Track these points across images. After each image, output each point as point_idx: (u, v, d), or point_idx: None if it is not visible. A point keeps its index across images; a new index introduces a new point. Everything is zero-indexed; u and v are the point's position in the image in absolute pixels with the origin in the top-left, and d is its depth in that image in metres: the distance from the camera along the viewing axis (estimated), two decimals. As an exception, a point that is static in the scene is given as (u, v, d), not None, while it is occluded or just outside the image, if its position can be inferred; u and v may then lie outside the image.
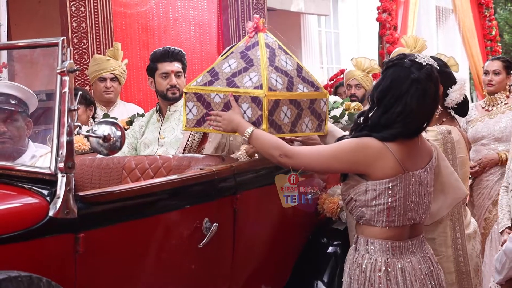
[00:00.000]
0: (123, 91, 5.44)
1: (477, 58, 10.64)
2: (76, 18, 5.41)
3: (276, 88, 2.86)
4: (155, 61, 3.78)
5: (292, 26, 9.33)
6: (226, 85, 2.90)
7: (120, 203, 2.46)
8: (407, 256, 2.65)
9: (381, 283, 2.60)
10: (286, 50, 3.08)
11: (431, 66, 2.64)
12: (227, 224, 2.92)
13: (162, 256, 2.63)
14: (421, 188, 2.66)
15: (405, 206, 2.61)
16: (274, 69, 2.90)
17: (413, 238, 2.69)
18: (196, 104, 2.97)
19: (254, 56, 2.92)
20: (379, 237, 2.63)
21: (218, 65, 3.00)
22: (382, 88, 2.62)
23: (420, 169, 2.65)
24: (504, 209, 3.72)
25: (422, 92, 2.58)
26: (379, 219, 2.61)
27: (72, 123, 2.29)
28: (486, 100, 5.23)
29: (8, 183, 2.40)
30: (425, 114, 2.64)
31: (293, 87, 2.95)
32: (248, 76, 2.88)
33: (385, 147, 2.57)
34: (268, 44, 2.98)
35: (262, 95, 2.80)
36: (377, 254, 2.62)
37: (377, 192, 2.58)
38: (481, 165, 4.97)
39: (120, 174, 3.16)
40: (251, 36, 3.00)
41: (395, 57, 2.69)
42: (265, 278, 3.31)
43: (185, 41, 6.68)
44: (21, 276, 2.00)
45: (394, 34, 8.96)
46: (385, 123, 2.59)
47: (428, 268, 2.69)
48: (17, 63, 3.82)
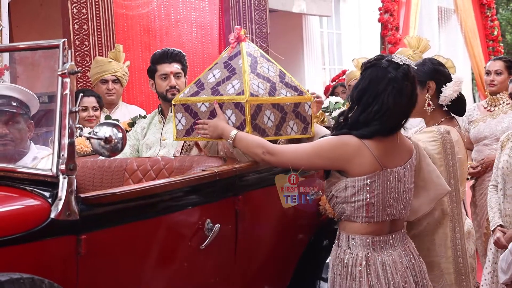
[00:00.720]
0: (125, 93, 5.45)
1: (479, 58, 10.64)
2: (78, 20, 5.42)
3: (258, 93, 3.01)
4: (155, 62, 3.79)
5: (294, 27, 9.33)
6: (211, 94, 3.06)
7: (122, 205, 2.46)
8: (387, 250, 2.73)
9: (362, 277, 2.68)
10: (268, 57, 3.23)
11: (407, 66, 2.73)
12: (229, 225, 2.92)
13: (164, 257, 2.64)
14: (400, 184, 2.74)
15: (384, 202, 2.70)
16: (255, 75, 3.05)
17: (394, 233, 2.77)
18: (184, 115, 3.13)
19: (237, 65, 3.08)
20: (360, 232, 2.72)
21: (203, 76, 3.16)
22: (361, 88, 2.72)
23: (399, 166, 2.73)
24: (494, 207, 3.75)
25: (399, 91, 2.68)
26: (359, 215, 2.70)
27: (73, 125, 2.30)
28: (488, 100, 5.22)
29: (10, 185, 2.41)
30: (402, 112, 2.73)
31: (276, 92, 3.10)
32: (231, 84, 3.04)
33: (363, 144, 2.66)
34: (250, 53, 3.13)
35: (244, 101, 2.95)
36: (358, 249, 2.71)
37: (356, 189, 2.67)
38: (483, 165, 4.95)
39: (122, 175, 3.16)
40: (233, 47, 3.15)
41: (373, 58, 2.79)
42: (267, 279, 3.31)
43: (187, 43, 6.68)
44: (23, 278, 2.01)
45: (396, 34, 8.95)
46: (363, 121, 2.68)
47: (409, 261, 2.77)
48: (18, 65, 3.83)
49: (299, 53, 9.38)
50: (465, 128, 5.22)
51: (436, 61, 3.34)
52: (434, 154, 3.08)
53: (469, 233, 3.34)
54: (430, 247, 3.07)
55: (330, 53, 10.55)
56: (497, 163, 3.81)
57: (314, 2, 9.02)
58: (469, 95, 11.32)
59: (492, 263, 3.87)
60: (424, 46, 5.90)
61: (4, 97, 3.05)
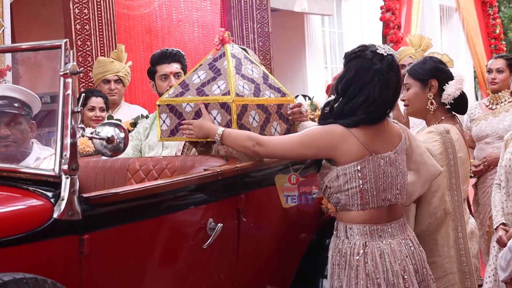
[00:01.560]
0: (127, 92, 5.45)
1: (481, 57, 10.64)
2: (79, 20, 5.43)
3: (243, 94, 3.06)
4: (154, 63, 3.79)
5: (296, 26, 9.33)
6: (196, 95, 3.08)
7: (125, 205, 2.46)
8: (386, 239, 2.74)
9: (359, 265, 2.69)
10: (252, 59, 3.28)
11: (392, 56, 2.74)
12: (232, 224, 2.92)
13: (167, 256, 2.64)
14: (393, 169, 2.75)
15: (378, 187, 2.71)
16: (240, 76, 3.09)
17: (393, 222, 2.78)
18: (169, 115, 3.15)
19: (222, 66, 3.12)
20: (357, 221, 2.73)
21: (188, 78, 3.19)
22: (347, 80, 2.74)
23: (389, 151, 2.75)
24: (497, 206, 3.75)
25: (385, 82, 2.70)
26: (353, 202, 2.72)
27: (76, 125, 2.30)
28: (490, 98, 5.22)
29: (13, 185, 2.41)
30: (387, 102, 2.76)
31: (260, 93, 3.14)
32: (217, 85, 3.07)
33: (349, 132, 2.69)
34: (234, 55, 3.18)
35: (230, 101, 2.99)
36: (356, 238, 2.73)
37: (347, 176, 2.69)
38: (485, 163, 4.95)
39: (125, 175, 3.17)
40: (217, 49, 3.19)
41: (357, 49, 2.79)
42: (270, 278, 3.32)
43: (189, 42, 6.69)
44: (26, 277, 2.01)
45: (398, 33, 8.97)
46: (348, 111, 2.70)
47: (409, 250, 2.77)
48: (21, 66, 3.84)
49: (301, 52, 9.38)
50: (467, 127, 5.21)
51: (437, 59, 3.34)
52: (437, 154, 3.09)
53: (473, 233, 3.34)
54: (433, 248, 3.07)
55: (332, 52, 10.55)
56: (501, 162, 3.81)
57: (315, 1, 9.03)
58: (471, 94, 11.32)
59: (495, 261, 3.87)
60: (426, 44, 5.91)
61: (6, 98, 3.05)
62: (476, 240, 3.41)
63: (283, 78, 8.23)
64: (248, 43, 6.88)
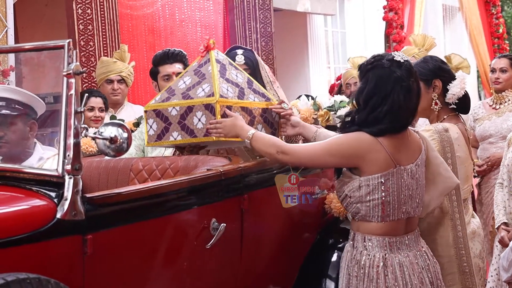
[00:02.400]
0: (130, 93, 5.46)
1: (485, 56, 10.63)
2: (82, 20, 5.43)
3: (227, 96, 3.10)
4: (156, 64, 3.79)
5: (299, 26, 9.33)
6: (182, 99, 3.14)
7: (128, 205, 2.46)
8: (404, 251, 2.71)
9: (379, 278, 2.65)
10: (236, 66, 3.33)
11: (408, 62, 2.71)
12: (235, 224, 2.92)
13: (170, 256, 2.64)
14: (413, 181, 2.72)
15: (399, 200, 2.67)
16: (225, 80, 3.14)
17: (409, 234, 2.75)
18: (156, 120, 3.19)
19: (206, 71, 3.17)
20: (376, 233, 2.69)
21: (174, 84, 3.24)
22: (368, 92, 2.69)
23: (411, 163, 2.71)
24: (499, 205, 3.75)
25: (407, 89, 2.67)
26: (374, 214, 2.67)
27: (79, 125, 2.29)
28: (493, 98, 5.21)
29: (16, 185, 2.40)
30: (411, 109, 2.72)
31: (244, 96, 3.20)
32: (201, 88, 3.12)
33: (376, 140, 2.64)
34: (219, 60, 3.24)
35: (214, 101, 3.03)
36: (375, 250, 2.68)
37: (370, 188, 2.64)
38: (489, 163, 4.95)
39: (128, 175, 3.16)
40: (202, 55, 3.25)
41: (372, 59, 2.75)
42: (273, 278, 3.31)
43: (192, 43, 6.69)
44: (29, 278, 2.01)
45: (401, 33, 8.97)
46: (372, 120, 2.66)
47: (424, 262, 2.75)
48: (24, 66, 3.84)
49: (303, 52, 9.37)
50: (471, 126, 5.21)
51: (438, 58, 3.33)
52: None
53: (475, 233, 3.33)
54: (432, 247, 3.06)
55: (335, 52, 10.54)
56: (504, 161, 3.81)
57: (318, 1, 9.02)
58: (475, 93, 11.30)
59: (498, 260, 3.87)
60: (429, 44, 5.90)
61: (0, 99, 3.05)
62: (479, 240, 3.40)
63: (285, 78, 8.23)
64: (250, 43, 6.88)
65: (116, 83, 4.90)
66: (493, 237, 4.71)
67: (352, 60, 5.84)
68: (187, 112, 3.11)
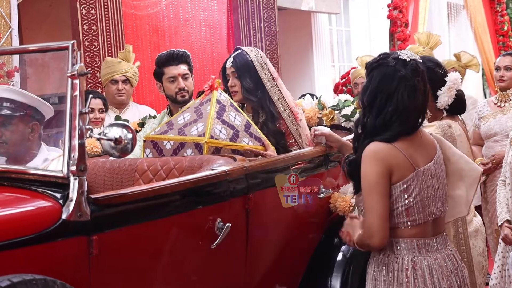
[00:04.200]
0: (134, 92, 5.46)
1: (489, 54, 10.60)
2: (87, 20, 5.44)
3: (219, 137, 3.24)
4: (161, 65, 3.78)
5: (303, 25, 9.31)
6: (177, 134, 3.30)
7: (133, 205, 2.47)
8: (433, 254, 2.64)
9: (409, 282, 2.59)
10: (238, 108, 3.44)
11: (415, 61, 2.65)
12: (240, 224, 2.92)
13: (175, 257, 2.64)
14: (434, 181, 2.66)
15: (423, 202, 2.61)
16: (220, 121, 3.29)
17: (437, 236, 2.69)
18: (152, 151, 3.34)
19: (205, 110, 3.32)
20: (404, 236, 2.62)
21: (175, 118, 3.41)
22: (371, 90, 2.63)
23: (429, 162, 2.66)
24: (502, 202, 3.74)
25: (412, 88, 2.60)
26: (400, 221, 2.61)
27: (84, 126, 2.30)
28: (498, 96, 5.20)
29: (21, 186, 2.42)
30: (419, 109, 2.66)
31: (238, 139, 3.30)
32: (196, 126, 3.27)
33: (392, 146, 2.58)
34: (220, 101, 3.36)
35: (203, 141, 3.18)
36: (403, 253, 2.62)
37: (393, 197, 2.59)
38: (494, 161, 4.94)
39: (133, 176, 3.17)
40: (206, 94, 3.38)
41: (378, 57, 2.70)
42: (279, 277, 3.31)
43: (196, 42, 6.70)
44: (35, 279, 2.02)
45: (405, 31, 8.94)
46: (381, 124, 2.59)
47: (453, 265, 2.68)
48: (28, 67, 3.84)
49: (308, 50, 9.35)
50: (476, 124, 5.20)
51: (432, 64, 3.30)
52: None
53: (477, 231, 3.33)
54: None
55: (339, 50, 10.52)
56: (506, 158, 3.80)
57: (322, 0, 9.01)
58: (480, 91, 11.26)
59: (501, 257, 3.86)
60: (434, 42, 5.89)
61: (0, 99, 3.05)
62: (481, 238, 3.39)
63: (290, 77, 8.22)
64: (255, 42, 6.87)
65: (121, 83, 4.90)
66: (499, 235, 4.71)
67: (361, 59, 5.81)
68: (179, 147, 3.25)
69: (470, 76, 8.16)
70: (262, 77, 3.53)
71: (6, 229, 2.14)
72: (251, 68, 3.54)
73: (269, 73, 3.56)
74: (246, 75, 3.53)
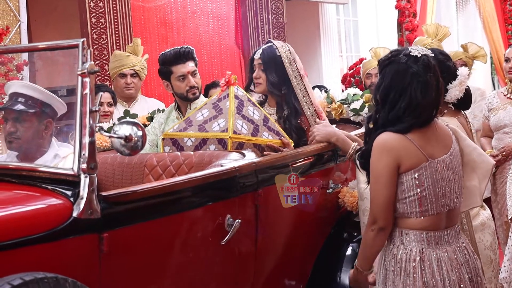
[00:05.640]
0: (143, 85, 5.46)
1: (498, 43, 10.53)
2: (95, 13, 5.44)
3: (241, 132, 3.25)
4: (168, 64, 3.74)
5: (311, 15, 9.27)
6: (198, 131, 3.30)
7: (143, 202, 2.47)
8: (442, 246, 2.65)
9: (416, 273, 2.61)
10: (255, 102, 3.46)
11: (426, 57, 2.65)
12: (249, 220, 2.92)
13: (186, 253, 2.65)
14: (450, 172, 2.66)
15: (436, 193, 2.62)
16: (241, 116, 3.27)
17: (449, 228, 2.69)
18: (172, 148, 3.34)
19: (224, 106, 3.32)
20: (414, 227, 2.64)
21: (193, 115, 3.40)
22: (384, 87, 2.65)
23: (444, 154, 2.66)
24: None
25: (424, 84, 2.61)
26: (412, 210, 2.63)
27: (94, 124, 2.30)
28: (508, 87, 5.18)
29: (32, 184, 2.42)
30: (432, 104, 2.66)
31: (258, 133, 3.31)
32: (217, 122, 3.27)
33: (404, 137, 2.60)
34: (238, 96, 3.36)
35: (227, 137, 3.19)
36: (412, 244, 2.64)
37: (405, 185, 2.60)
38: (503, 153, 4.92)
39: (142, 171, 3.17)
40: (223, 90, 3.39)
41: (390, 54, 2.71)
42: (288, 272, 3.32)
43: (204, 34, 6.69)
44: (47, 277, 2.02)
45: (414, 21, 8.89)
46: (393, 118, 2.61)
47: (464, 257, 2.69)
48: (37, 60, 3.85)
49: (316, 41, 9.32)
50: (485, 116, 5.18)
51: (443, 57, 3.29)
52: None
53: (484, 225, 3.31)
54: None
55: (347, 40, 10.48)
56: None
57: (330, -10, 8.98)
58: (488, 81, 11.21)
59: (511, 251, 3.85)
60: (443, 33, 5.85)
61: (18, 95, 3.05)
62: (489, 231, 3.38)
63: (298, 68, 8.19)
64: (263, 34, 6.86)
65: (129, 77, 4.90)
66: (508, 227, 4.70)
67: (374, 50, 5.77)
68: (201, 144, 3.24)
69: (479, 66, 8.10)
70: (289, 73, 3.53)
71: (17, 227, 2.14)
72: (278, 62, 3.54)
73: (297, 69, 3.56)
74: (273, 69, 3.53)
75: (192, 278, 2.68)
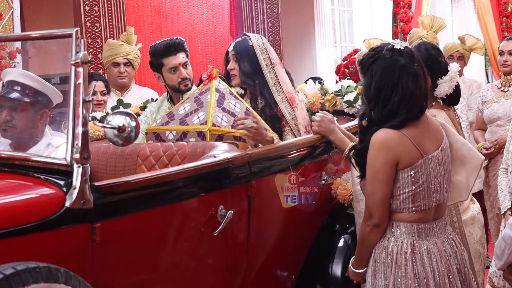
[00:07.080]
0: (136, 74, 5.44)
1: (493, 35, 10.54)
2: (88, 1, 5.41)
3: (221, 124, 3.28)
4: (159, 56, 3.71)
5: (305, 5, 9.25)
6: (179, 124, 3.35)
7: (136, 193, 2.47)
8: (432, 238, 2.68)
9: (407, 264, 2.63)
10: (237, 96, 3.48)
11: (408, 48, 2.68)
12: (242, 211, 2.93)
13: (178, 244, 2.65)
14: (441, 168, 2.69)
15: (429, 189, 2.65)
16: (221, 109, 3.31)
17: (437, 220, 2.73)
18: (154, 142, 3.36)
19: (205, 99, 3.36)
20: (405, 220, 2.66)
21: (175, 109, 3.44)
22: (375, 85, 2.64)
23: (436, 149, 2.68)
24: (504, 190, 3.72)
25: (414, 75, 2.63)
26: (405, 206, 2.65)
27: (87, 114, 2.29)
28: (502, 80, 5.19)
29: (24, 173, 2.41)
30: (422, 94, 2.68)
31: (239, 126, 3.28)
32: (197, 115, 3.32)
33: (401, 133, 2.61)
34: (219, 89, 3.40)
35: (205, 130, 3.22)
36: (403, 236, 2.66)
37: (400, 182, 2.62)
38: (496, 146, 4.93)
39: (135, 161, 3.17)
40: (205, 84, 3.42)
41: (372, 52, 2.70)
42: (280, 263, 3.33)
43: (198, 23, 6.66)
44: (39, 266, 2.02)
45: (408, 12, 8.88)
46: (388, 113, 2.62)
47: (452, 249, 2.73)
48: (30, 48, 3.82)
49: (310, 31, 9.30)
50: (479, 109, 5.19)
51: (435, 52, 3.29)
52: None
53: (474, 219, 3.33)
54: None
55: (342, 31, 10.46)
56: (508, 146, 3.79)
57: (325, -20, 8.95)
58: (482, 73, 11.22)
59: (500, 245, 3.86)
60: (438, 25, 5.85)
61: (15, 83, 3.03)
62: (478, 226, 3.39)
63: (292, 58, 8.19)
64: (257, 24, 6.84)
65: (122, 66, 4.88)
66: (500, 219, 4.71)
67: (368, 41, 5.77)
68: (182, 137, 3.28)
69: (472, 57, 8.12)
70: (260, 61, 3.55)
71: (9, 216, 2.14)
72: (250, 52, 3.56)
73: (268, 58, 3.57)
74: (245, 59, 3.56)
75: (185, 269, 2.69)
